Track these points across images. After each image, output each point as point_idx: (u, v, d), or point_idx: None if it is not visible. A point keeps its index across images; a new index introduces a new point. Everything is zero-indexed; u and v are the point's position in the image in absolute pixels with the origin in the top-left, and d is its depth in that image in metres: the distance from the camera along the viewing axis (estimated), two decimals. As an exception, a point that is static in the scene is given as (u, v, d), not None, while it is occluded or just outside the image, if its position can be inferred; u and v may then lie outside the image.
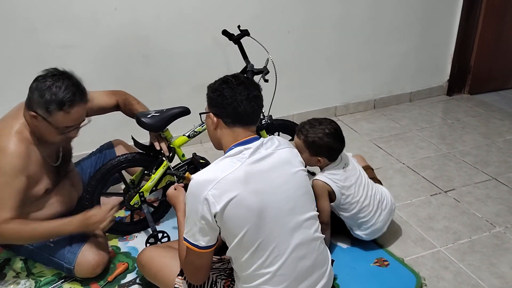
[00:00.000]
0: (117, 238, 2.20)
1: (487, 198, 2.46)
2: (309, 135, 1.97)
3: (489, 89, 3.91)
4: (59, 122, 1.74)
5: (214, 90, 1.50)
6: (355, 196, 1.98)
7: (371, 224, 2.01)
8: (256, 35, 2.33)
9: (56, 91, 1.68)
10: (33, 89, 1.70)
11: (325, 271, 1.58)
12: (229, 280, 1.62)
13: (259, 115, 1.54)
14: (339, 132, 1.99)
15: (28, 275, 1.96)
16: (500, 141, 3.09)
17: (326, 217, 1.99)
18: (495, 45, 3.70)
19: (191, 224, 1.42)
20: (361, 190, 2.00)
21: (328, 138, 1.94)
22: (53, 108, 1.69)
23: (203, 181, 1.38)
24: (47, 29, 2.51)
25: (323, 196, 1.98)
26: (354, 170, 2.04)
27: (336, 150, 1.99)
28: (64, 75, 1.74)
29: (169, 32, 2.79)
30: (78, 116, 1.78)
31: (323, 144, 1.94)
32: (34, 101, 1.70)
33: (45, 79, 1.70)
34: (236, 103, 1.45)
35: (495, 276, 1.91)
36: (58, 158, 1.96)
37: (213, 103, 1.50)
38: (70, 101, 1.71)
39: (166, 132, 2.13)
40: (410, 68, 3.66)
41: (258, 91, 1.51)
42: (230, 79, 1.49)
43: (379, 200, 2.04)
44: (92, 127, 2.07)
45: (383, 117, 3.52)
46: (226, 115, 1.48)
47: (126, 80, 2.77)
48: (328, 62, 3.34)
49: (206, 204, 1.36)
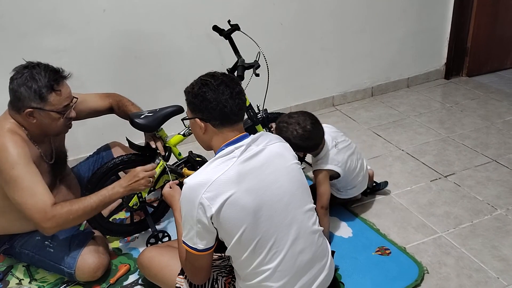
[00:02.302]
0: (118, 239, 2.20)
1: (487, 180, 2.44)
2: (283, 131, 1.97)
3: (487, 70, 3.88)
4: (56, 105, 1.74)
5: (195, 96, 1.45)
6: (352, 165, 2.10)
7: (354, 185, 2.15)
8: (248, 29, 2.31)
9: (39, 77, 1.69)
10: (16, 88, 1.69)
11: (325, 263, 1.58)
12: (230, 277, 1.62)
13: (244, 109, 1.51)
14: (307, 132, 1.94)
15: (31, 281, 1.97)
16: (499, 122, 3.06)
17: (326, 200, 2.01)
18: (491, 25, 3.67)
19: (188, 228, 1.41)
20: (354, 160, 2.12)
21: (296, 140, 1.92)
22: (45, 92, 1.69)
23: (195, 185, 1.37)
24: (37, 34, 2.50)
25: (325, 182, 2.01)
26: (344, 141, 2.12)
27: (309, 147, 2.02)
28: (33, 63, 1.74)
29: (160, 31, 2.77)
30: (68, 91, 1.79)
31: (295, 143, 1.90)
32: (24, 98, 1.69)
33: (21, 74, 1.69)
34: (221, 104, 1.41)
35: (497, 259, 1.90)
36: (52, 157, 1.96)
37: (197, 108, 1.45)
38: (55, 79, 1.72)
39: (161, 132, 2.12)
40: (406, 54, 3.63)
41: (239, 86, 1.48)
42: (209, 81, 1.44)
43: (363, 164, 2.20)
44: (88, 130, 2.08)
45: (381, 104, 3.50)
46: (213, 118, 1.44)
47: (119, 81, 2.76)
48: (324, 52, 3.32)
49: (201, 208, 1.35)
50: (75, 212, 1.71)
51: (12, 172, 1.66)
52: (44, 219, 1.66)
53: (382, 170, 2.59)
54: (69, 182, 2.09)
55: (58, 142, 2.01)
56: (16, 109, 1.74)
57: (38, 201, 1.67)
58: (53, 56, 2.55)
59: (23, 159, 1.69)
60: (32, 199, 1.66)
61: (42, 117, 1.75)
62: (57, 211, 1.68)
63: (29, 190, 1.67)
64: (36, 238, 1.92)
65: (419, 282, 1.80)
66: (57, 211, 1.68)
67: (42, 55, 2.51)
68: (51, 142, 1.95)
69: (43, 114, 1.74)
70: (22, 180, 1.67)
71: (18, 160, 1.67)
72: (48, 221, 1.67)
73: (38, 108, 1.71)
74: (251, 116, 2.30)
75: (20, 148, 1.70)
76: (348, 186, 2.15)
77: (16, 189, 1.67)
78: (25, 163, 1.69)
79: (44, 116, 1.75)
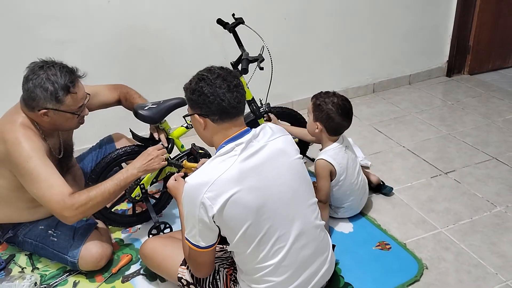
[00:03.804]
0: (120, 230, 2.22)
1: (487, 178, 2.46)
2: (319, 98, 2.03)
3: (489, 68, 3.89)
4: (72, 106, 1.75)
5: (193, 91, 1.44)
6: (351, 178, 2.08)
7: (350, 204, 2.13)
8: (252, 23, 2.31)
9: (55, 79, 1.68)
10: (32, 89, 1.68)
11: (326, 257, 1.59)
12: (232, 269, 1.63)
13: (244, 103, 1.49)
14: (346, 108, 2.02)
15: (33, 270, 1.99)
16: (500, 120, 3.08)
17: (324, 195, 2.03)
18: (494, 24, 3.67)
19: (190, 226, 1.42)
20: (355, 174, 2.10)
21: (332, 106, 1.99)
22: (61, 95, 1.69)
23: (196, 184, 1.36)
24: (41, 25, 2.51)
25: (325, 176, 2.03)
26: (353, 154, 2.11)
27: (334, 123, 2.02)
28: (48, 62, 1.74)
29: (164, 23, 2.78)
30: (83, 92, 1.80)
31: (325, 110, 1.99)
32: (39, 99, 1.69)
33: (37, 74, 1.68)
34: (219, 98, 1.39)
35: (496, 256, 1.92)
36: (61, 151, 1.97)
37: (196, 104, 1.44)
38: (71, 81, 1.72)
39: (164, 124, 2.13)
40: (409, 51, 3.63)
41: (237, 79, 1.45)
42: (206, 75, 1.43)
43: (364, 186, 2.18)
44: (92, 121, 2.09)
45: (383, 101, 3.51)
46: (212, 113, 1.42)
47: (123, 72, 2.76)
48: (326, 48, 3.32)
49: (203, 207, 1.35)
50: (93, 198, 1.72)
51: (28, 165, 1.67)
52: (64, 208, 1.68)
53: (383, 166, 2.61)
54: (74, 173, 2.10)
55: (66, 136, 2.03)
56: (30, 107, 1.74)
57: (56, 192, 1.68)
58: (57, 48, 2.56)
59: (37, 152, 1.70)
60: (50, 191, 1.68)
61: (56, 117, 1.76)
62: (76, 199, 1.69)
63: (46, 182, 1.68)
64: (40, 227, 1.94)
65: (418, 278, 1.82)
66: (76, 199, 1.69)
67: (46, 46, 2.54)
68: (60, 136, 1.97)
69: (58, 114, 1.75)
70: (38, 172, 1.68)
71: (32, 153, 1.69)
72: (68, 209, 1.68)
73: (54, 109, 1.72)
74: (254, 110, 2.31)
75: (33, 142, 1.71)
76: (343, 201, 2.12)
77: (33, 182, 1.69)
78: (39, 156, 1.70)
79: (59, 116, 1.76)
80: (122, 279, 1.91)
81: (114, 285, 1.89)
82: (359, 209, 2.20)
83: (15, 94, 1.83)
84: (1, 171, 1.78)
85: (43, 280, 1.92)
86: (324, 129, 2.04)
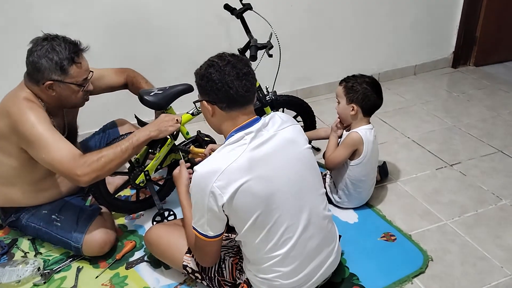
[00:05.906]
0: (123, 216, 2.21)
1: (493, 171, 2.45)
2: (349, 81, 2.03)
3: (495, 60, 3.85)
4: (77, 77, 1.74)
5: (202, 77, 1.41)
6: (371, 162, 2.10)
7: (361, 191, 2.12)
8: (258, 9, 2.27)
9: (60, 49, 1.68)
10: (36, 60, 1.67)
11: (333, 248, 1.59)
12: (237, 258, 1.63)
13: (254, 92, 1.46)
14: (379, 86, 2.05)
15: (36, 254, 1.98)
16: (506, 113, 3.06)
17: (332, 163, 2.08)
18: (502, 15, 3.63)
19: (199, 216, 1.41)
20: (375, 161, 2.14)
21: (366, 85, 2.01)
22: (66, 65, 1.69)
23: (206, 173, 1.34)
24: (44, 6, 2.46)
25: (349, 147, 2.04)
26: (376, 140, 2.14)
27: (371, 101, 2.03)
28: (51, 35, 1.73)
29: (170, 7, 2.73)
30: (87, 64, 1.80)
31: (360, 90, 2.00)
32: (44, 69, 1.67)
33: (41, 46, 1.67)
34: (226, 85, 1.36)
35: (501, 249, 1.92)
36: (65, 131, 1.96)
37: (204, 90, 1.42)
38: (75, 52, 1.72)
39: (170, 110, 2.10)
40: (414, 41, 3.59)
41: (247, 67, 1.41)
42: (216, 61, 1.40)
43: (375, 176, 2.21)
44: (95, 106, 2.07)
45: (388, 91, 3.48)
46: (219, 100, 1.40)
47: (128, 57, 2.73)
48: (332, 37, 3.28)
49: (213, 196, 1.33)
50: (105, 155, 1.68)
51: (34, 130, 1.65)
52: (76, 167, 1.63)
53: (388, 157, 2.59)
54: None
55: (71, 117, 2.00)
56: (35, 81, 1.72)
57: (66, 152, 1.65)
58: (61, 29, 2.49)
59: (42, 119, 1.69)
60: (59, 153, 1.65)
61: (61, 89, 1.74)
62: (87, 157, 1.66)
63: (54, 145, 1.66)
64: (43, 212, 1.92)
65: (424, 269, 1.81)
66: (87, 157, 1.66)
67: (50, 28, 2.48)
68: (64, 116, 1.94)
69: (63, 87, 1.73)
70: (46, 137, 1.66)
71: (37, 120, 1.67)
72: (81, 167, 1.63)
73: (59, 80, 1.70)
74: (260, 97, 2.28)
75: (38, 112, 1.70)
76: (356, 186, 2.10)
77: (41, 147, 1.66)
78: (44, 122, 1.69)
79: (64, 89, 1.74)
80: (126, 266, 1.90)
81: (118, 271, 1.88)
82: (366, 199, 2.18)
83: (19, 74, 1.80)
84: (8, 148, 1.76)
85: (46, 265, 1.92)
86: (360, 109, 2.03)
